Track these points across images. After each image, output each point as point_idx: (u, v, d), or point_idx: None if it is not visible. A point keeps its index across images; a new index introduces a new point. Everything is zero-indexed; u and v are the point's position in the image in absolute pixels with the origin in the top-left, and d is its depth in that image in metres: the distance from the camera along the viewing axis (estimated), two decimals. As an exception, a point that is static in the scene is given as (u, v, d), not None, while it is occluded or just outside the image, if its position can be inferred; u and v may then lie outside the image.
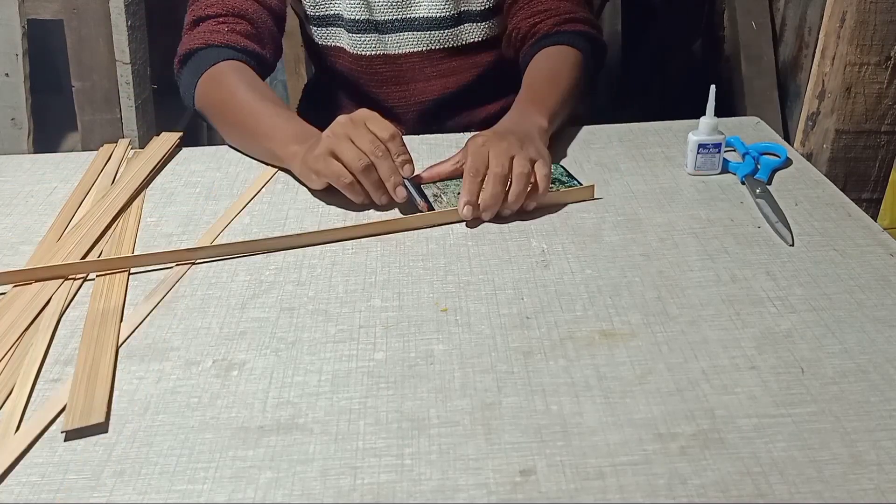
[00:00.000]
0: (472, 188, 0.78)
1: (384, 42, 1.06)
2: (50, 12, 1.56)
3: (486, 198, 0.78)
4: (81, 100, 1.59)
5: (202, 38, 0.96)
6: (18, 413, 0.57)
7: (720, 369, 0.60)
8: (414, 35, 1.06)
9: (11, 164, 0.96)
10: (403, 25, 1.05)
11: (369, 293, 0.70)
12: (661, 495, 0.50)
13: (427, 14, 1.04)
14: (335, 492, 0.51)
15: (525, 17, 1.02)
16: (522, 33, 1.03)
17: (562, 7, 1.02)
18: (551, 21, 1.01)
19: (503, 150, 0.78)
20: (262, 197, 0.87)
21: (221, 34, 0.96)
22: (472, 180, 0.78)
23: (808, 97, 1.11)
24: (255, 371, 0.61)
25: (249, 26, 0.98)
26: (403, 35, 1.06)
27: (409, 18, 1.05)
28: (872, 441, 0.53)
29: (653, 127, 1.00)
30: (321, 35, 1.09)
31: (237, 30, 0.97)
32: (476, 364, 0.61)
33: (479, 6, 1.05)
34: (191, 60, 0.97)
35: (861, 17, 1.01)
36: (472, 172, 0.78)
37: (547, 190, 0.79)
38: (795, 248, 0.75)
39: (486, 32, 1.07)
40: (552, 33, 1.00)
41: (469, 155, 0.79)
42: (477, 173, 0.78)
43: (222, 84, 0.93)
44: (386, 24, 1.05)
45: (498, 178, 0.77)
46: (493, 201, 0.78)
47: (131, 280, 0.73)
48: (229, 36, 0.96)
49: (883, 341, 0.62)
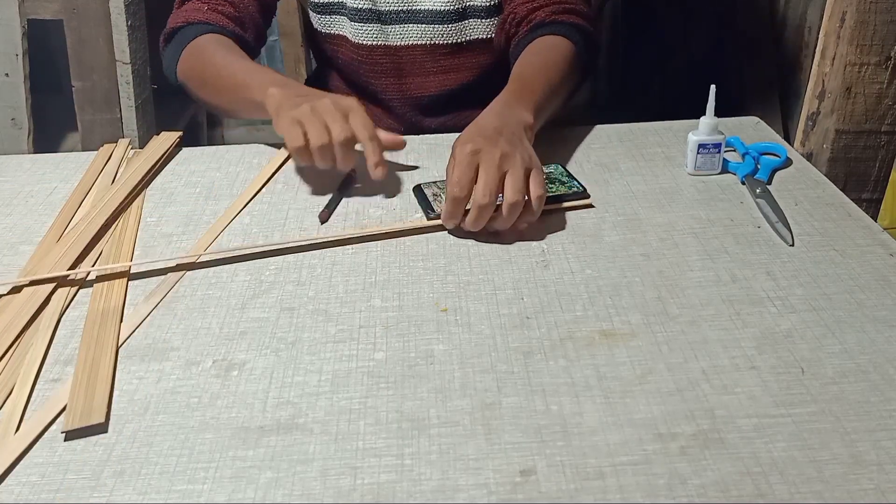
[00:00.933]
0: (453, 210, 0.75)
1: (386, 32, 1.07)
2: (50, 12, 1.56)
3: (468, 224, 0.75)
4: (81, 100, 1.59)
5: (184, 17, 1.02)
6: (18, 413, 0.58)
7: (720, 369, 0.60)
8: (417, 28, 1.06)
9: (11, 164, 0.96)
10: (407, 17, 1.06)
11: (369, 293, 0.70)
12: (661, 495, 0.50)
13: (431, 7, 1.04)
14: (335, 492, 0.51)
15: (522, 2, 1.02)
16: (518, 18, 1.02)
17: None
18: (549, 9, 1.00)
19: (493, 164, 0.73)
20: (262, 197, 0.87)
21: (202, 13, 1.01)
22: (454, 203, 0.74)
23: (808, 97, 1.11)
24: (255, 371, 0.61)
25: (232, 9, 1.03)
26: (406, 27, 1.06)
27: (412, 10, 1.05)
28: (872, 441, 0.53)
29: (653, 127, 1.00)
30: (323, 23, 1.10)
31: (219, 10, 1.02)
32: (476, 364, 0.61)
33: (483, 2, 1.05)
34: (174, 38, 1.02)
35: (861, 17, 1.01)
36: (454, 192, 0.74)
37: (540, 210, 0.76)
38: (795, 248, 0.75)
39: (490, 30, 1.07)
40: (548, 22, 0.99)
41: (455, 167, 0.74)
42: (458, 196, 0.74)
43: (203, 53, 0.98)
44: (389, 15, 1.05)
45: (483, 209, 0.73)
46: (475, 227, 0.75)
47: (131, 280, 0.73)
48: (210, 15, 1.01)
49: (883, 341, 0.62)
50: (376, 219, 0.81)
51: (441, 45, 1.07)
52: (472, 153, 0.75)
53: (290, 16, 2.10)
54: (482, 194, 0.73)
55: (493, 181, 0.73)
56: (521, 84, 0.90)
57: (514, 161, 0.75)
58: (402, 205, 0.84)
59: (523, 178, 0.74)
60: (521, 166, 0.75)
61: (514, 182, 0.74)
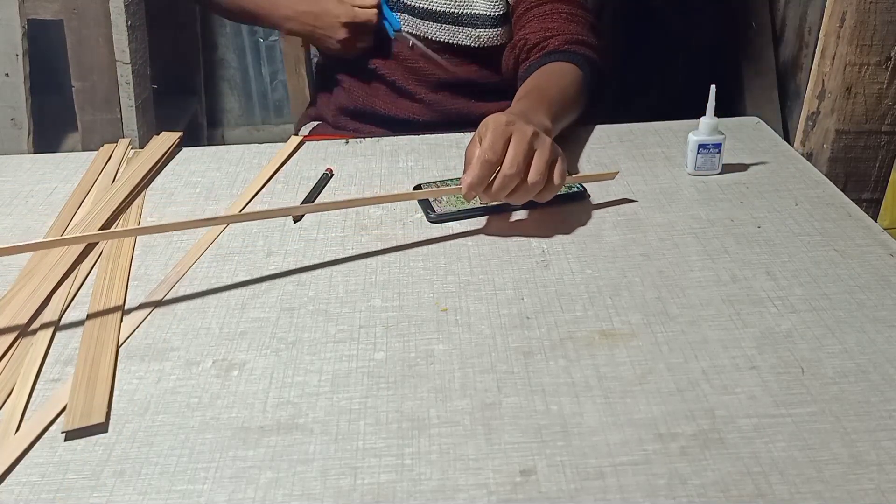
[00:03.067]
0: (481, 174, 0.72)
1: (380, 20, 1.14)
2: (50, 12, 1.56)
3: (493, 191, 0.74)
4: (81, 100, 1.59)
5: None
6: (18, 413, 0.58)
7: (720, 369, 0.60)
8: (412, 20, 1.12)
9: (11, 164, 0.96)
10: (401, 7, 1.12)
11: (369, 293, 0.70)
12: (661, 495, 0.50)
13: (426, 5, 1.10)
14: (335, 492, 0.51)
15: (535, 30, 1.04)
16: (530, 45, 1.04)
17: (573, 29, 1.04)
18: (562, 38, 1.02)
19: (525, 139, 0.73)
20: (262, 197, 0.87)
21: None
22: (483, 165, 0.72)
23: (808, 97, 1.11)
24: (256, 371, 0.61)
25: None
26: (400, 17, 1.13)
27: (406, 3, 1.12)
28: (872, 441, 0.53)
29: (653, 127, 1.00)
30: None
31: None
32: (476, 364, 0.61)
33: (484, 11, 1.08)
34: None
35: (861, 17, 1.01)
36: (486, 156, 0.72)
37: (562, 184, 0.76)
38: (795, 248, 0.75)
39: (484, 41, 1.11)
40: (561, 50, 1.01)
41: (489, 132, 0.73)
42: (489, 160, 0.72)
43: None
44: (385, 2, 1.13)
45: (508, 179, 0.72)
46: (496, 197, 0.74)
47: (131, 280, 0.73)
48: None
49: (883, 341, 0.62)
50: (376, 219, 0.81)
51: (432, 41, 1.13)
52: (508, 124, 0.74)
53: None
54: (510, 164, 0.72)
55: (522, 154, 0.73)
56: (538, 95, 0.90)
57: (544, 142, 0.75)
58: (402, 205, 0.84)
59: (549, 160, 0.74)
60: (550, 149, 0.75)
61: (539, 162, 0.73)
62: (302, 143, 0.97)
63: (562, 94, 0.93)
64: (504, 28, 1.10)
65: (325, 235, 0.79)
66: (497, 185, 0.73)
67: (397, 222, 0.81)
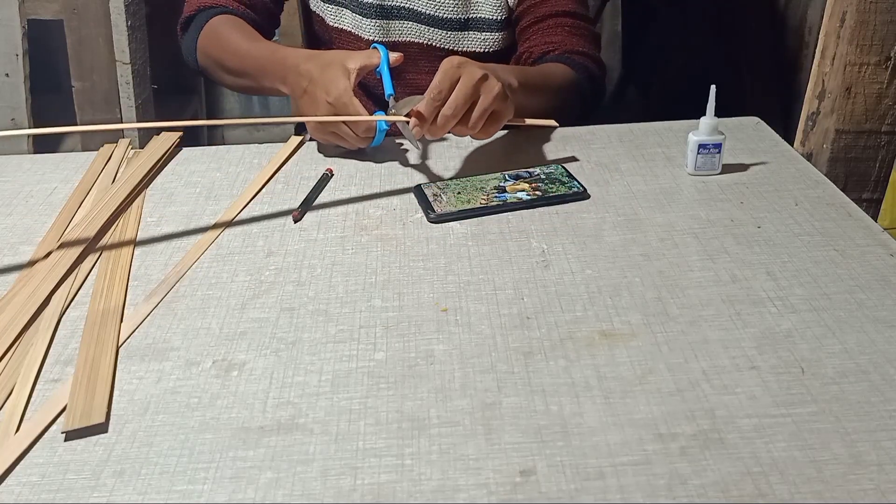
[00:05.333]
0: (427, 109, 0.79)
1: (387, 28, 1.09)
2: (50, 12, 1.56)
3: (434, 129, 0.79)
4: (81, 100, 1.59)
5: (196, 4, 1.06)
6: (18, 413, 0.58)
7: (720, 369, 0.60)
8: (418, 27, 1.08)
9: (11, 164, 0.96)
10: (409, 15, 1.08)
11: (369, 293, 0.70)
12: (661, 495, 0.50)
13: (434, 12, 1.07)
14: (335, 492, 0.51)
15: (538, 43, 1.05)
16: (535, 58, 1.05)
17: (576, 42, 1.05)
18: (564, 48, 1.04)
19: (470, 83, 0.78)
20: (262, 197, 0.87)
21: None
22: (429, 103, 0.78)
23: (808, 97, 1.11)
24: (256, 371, 0.61)
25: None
26: (407, 24, 1.09)
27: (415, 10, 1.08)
28: (873, 441, 0.53)
29: (653, 127, 1.00)
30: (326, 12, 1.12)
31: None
32: (476, 364, 0.61)
33: (489, 15, 1.08)
34: (190, 25, 1.06)
35: (861, 17, 1.01)
36: (431, 94, 0.78)
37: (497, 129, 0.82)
38: (795, 248, 0.75)
39: (490, 45, 1.09)
40: (562, 56, 1.03)
41: (439, 72, 0.79)
42: (434, 99, 0.78)
43: (219, 34, 1.02)
44: (392, 10, 1.08)
45: (446, 119, 0.78)
46: (431, 135, 0.80)
47: (131, 280, 0.73)
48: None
49: (883, 341, 0.62)
50: (377, 219, 0.81)
51: (438, 49, 1.09)
52: (459, 66, 0.79)
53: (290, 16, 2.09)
54: (449, 105, 0.78)
55: (464, 97, 0.78)
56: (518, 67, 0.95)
57: (491, 89, 0.79)
58: (402, 205, 0.84)
59: (487, 108, 0.79)
60: (494, 96, 0.79)
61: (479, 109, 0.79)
62: (302, 143, 0.97)
63: (541, 74, 0.97)
64: (506, 32, 1.10)
65: (325, 235, 0.79)
66: (438, 123, 0.79)
67: (397, 222, 0.81)
